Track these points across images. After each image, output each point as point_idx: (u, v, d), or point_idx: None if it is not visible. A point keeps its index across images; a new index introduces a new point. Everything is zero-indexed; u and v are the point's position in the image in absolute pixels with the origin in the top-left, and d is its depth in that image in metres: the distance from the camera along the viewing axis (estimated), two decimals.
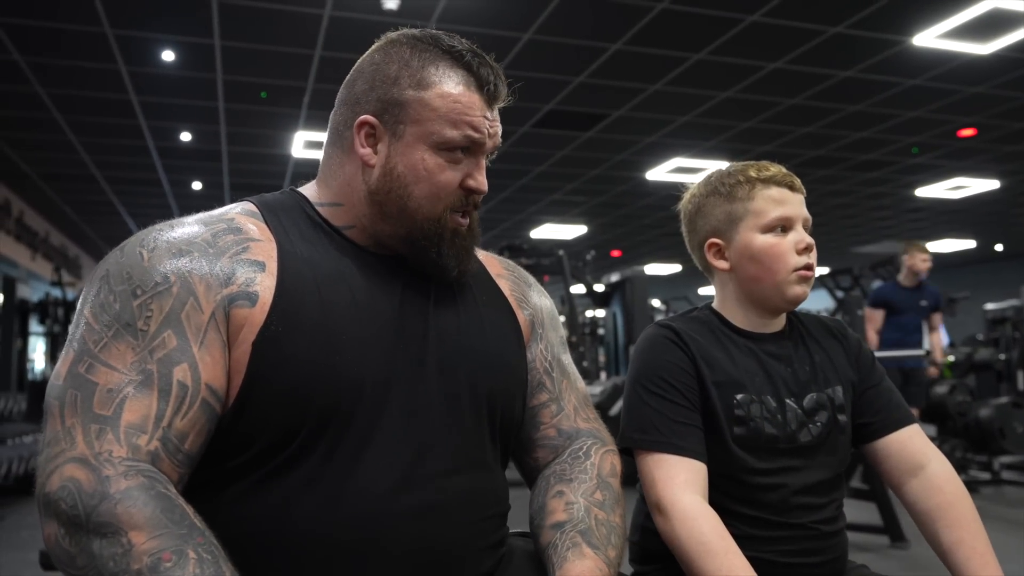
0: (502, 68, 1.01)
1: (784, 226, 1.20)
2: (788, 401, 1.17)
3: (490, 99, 0.98)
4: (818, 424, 1.17)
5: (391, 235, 0.99)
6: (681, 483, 1.08)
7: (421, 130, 0.95)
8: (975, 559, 1.07)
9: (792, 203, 1.20)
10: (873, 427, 1.21)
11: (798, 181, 1.23)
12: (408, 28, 1.02)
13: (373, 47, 1.01)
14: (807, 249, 1.18)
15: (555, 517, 0.99)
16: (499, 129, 1.01)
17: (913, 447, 1.19)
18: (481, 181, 0.99)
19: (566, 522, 0.98)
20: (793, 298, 1.20)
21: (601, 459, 1.07)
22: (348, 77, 1.01)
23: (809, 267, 1.18)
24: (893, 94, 5.86)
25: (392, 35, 1.01)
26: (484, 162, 1.01)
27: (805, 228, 1.20)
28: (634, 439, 1.14)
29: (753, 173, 1.22)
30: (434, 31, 1.00)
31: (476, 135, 0.96)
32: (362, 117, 0.97)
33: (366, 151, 0.97)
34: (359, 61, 1.01)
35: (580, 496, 1.01)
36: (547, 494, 1.03)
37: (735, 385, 1.16)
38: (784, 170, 1.23)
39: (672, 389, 1.14)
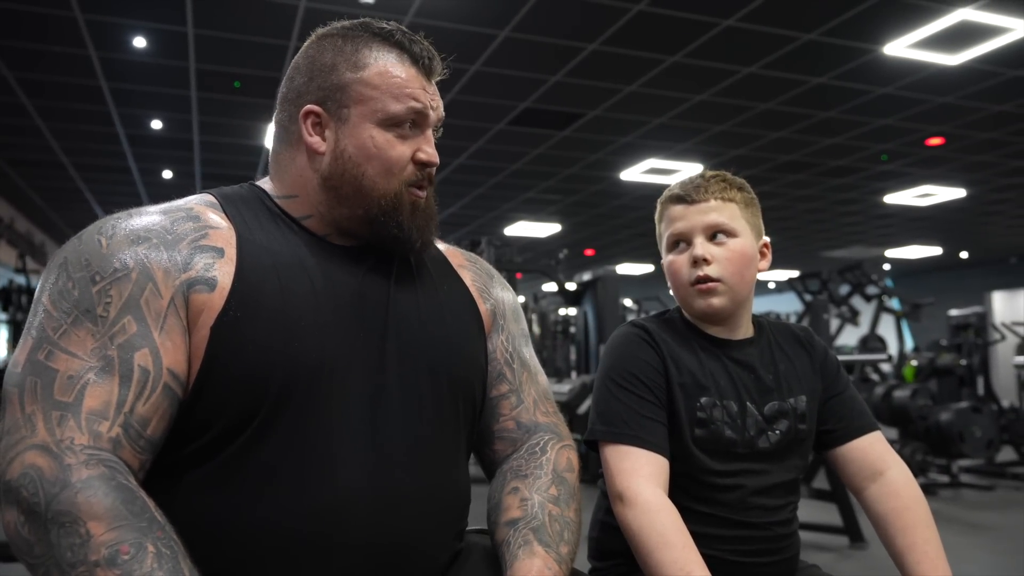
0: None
1: (681, 242, 1.22)
2: (749, 407, 1.19)
3: (426, 72, 1.01)
4: (777, 432, 1.19)
5: (349, 217, 1.00)
6: (645, 475, 1.09)
7: (365, 109, 0.97)
8: (925, 563, 1.09)
9: (687, 217, 1.20)
10: (835, 434, 1.24)
11: (703, 190, 1.21)
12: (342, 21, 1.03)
13: (305, 44, 1.03)
14: (697, 262, 1.18)
15: (510, 514, 1.00)
16: (440, 102, 1.03)
17: (873, 454, 1.21)
18: (432, 153, 1.01)
19: (520, 519, 0.98)
20: (698, 312, 1.22)
21: (557, 454, 1.07)
22: (287, 75, 1.03)
23: (702, 279, 1.18)
24: (864, 102, 5.94)
25: (322, 30, 1.03)
26: (431, 135, 1.02)
27: (709, 235, 1.19)
28: (601, 431, 1.15)
29: (667, 191, 1.25)
30: (364, 19, 1.02)
31: (419, 106, 0.98)
32: (306, 107, 0.98)
33: (314, 139, 0.98)
34: (294, 60, 1.03)
35: (535, 492, 1.01)
36: (503, 491, 1.03)
37: (699, 388, 1.18)
38: (696, 180, 1.23)
39: (641, 385, 1.16)
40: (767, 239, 1.26)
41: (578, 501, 1.06)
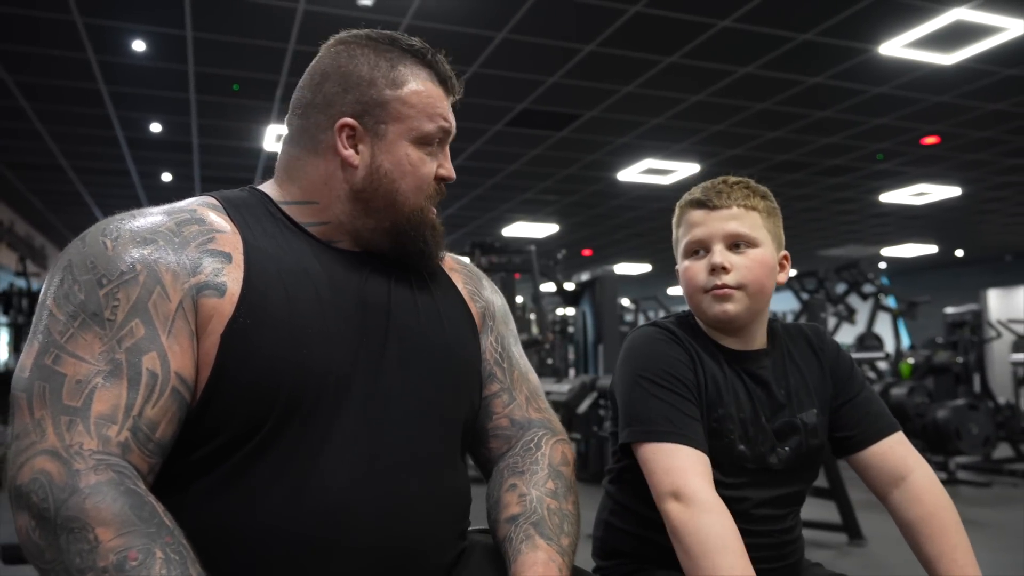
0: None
1: (700, 249, 1.17)
2: (763, 422, 1.16)
3: (450, 92, 1.05)
4: (787, 449, 1.16)
5: (374, 228, 1.01)
6: (698, 473, 1.04)
7: (402, 127, 1.00)
8: (955, 570, 1.06)
9: (707, 224, 1.16)
10: (853, 440, 1.19)
11: (725, 197, 1.16)
12: (364, 29, 1.04)
13: (328, 50, 1.03)
14: (716, 270, 1.14)
15: (510, 511, 1.00)
16: (454, 120, 1.07)
17: (894, 457, 1.16)
18: (451, 169, 1.06)
19: (520, 515, 0.99)
20: (711, 319, 1.17)
21: (552, 449, 1.08)
22: (309, 80, 1.02)
23: (719, 286, 1.13)
24: (859, 101, 5.95)
25: (345, 36, 1.03)
26: (448, 151, 1.07)
27: (729, 244, 1.15)
28: (643, 432, 1.09)
29: (688, 195, 1.20)
30: (385, 31, 1.03)
31: (447, 125, 1.03)
32: (342, 120, 0.98)
33: (348, 152, 0.99)
34: (317, 64, 1.03)
35: (532, 487, 1.02)
36: (501, 488, 1.04)
37: (718, 399, 1.14)
38: (719, 185, 1.18)
39: (679, 384, 1.12)
40: (786, 252, 1.22)
41: (575, 493, 1.06)
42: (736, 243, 1.15)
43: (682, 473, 1.04)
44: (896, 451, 1.17)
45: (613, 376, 1.21)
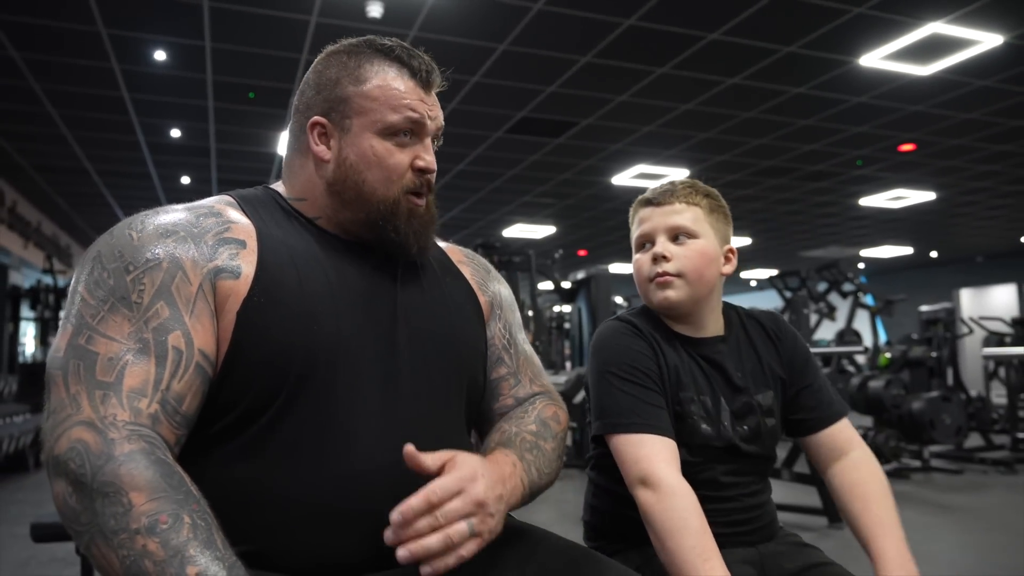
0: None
1: (647, 242, 1.21)
2: (723, 403, 1.18)
3: (425, 84, 1.02)
4: (745, 428, 1.19)
5: (352, 220, 1.01)
6: (665, 460, 1.07)
7: (366, 120, 0.99)
8: (877, 527, 1.10)
9: (652, 219, 1.21)
10: (808, 424, 1.23)
11: (669, 195, 1.21)
12: (349, 39, 1.05)
13: (316, 60, 1.04)
14: (657, 259, 1.18)
15: (490, 448, 1.02)
16: (439, 113, 1.04)
17: (840, 438, 1.21)
18: (429, 160, 1.02)
19: (497, 444, 1.01)
20: (656, 305, 1.21)
21: (544, 407, 1.10)
22: (299, 89, 1.05)
23: (660, 274, 1.18)
24: (840, 110, 5.95)
25: (331, 48, 1.04)
26: (430, 143, 1.03)
27: (672, 236, 1.19)
28: (612, 424, 1.12)
29: (640, 196, 1.25)
30: (369, 37, 1.03)
31: (416, 115, 0.99)
32: (312, 119, 1.00)
33: (320, 148, 1.00)
34: (306, 75, 1.05)
35: (513, 426, 1.05)
36: (491, 435, 1.06)
37: (679, 383, 1.17)
38: (666, 186, 1.22)
39: (643, 375, 1.14)
40: (733, 247, 1.25)
41: (558, 444, 1.07)
42: (677, 235, 1.19)
43: (649, 461, 1.07)
44: (844, 433, 1.22)
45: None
